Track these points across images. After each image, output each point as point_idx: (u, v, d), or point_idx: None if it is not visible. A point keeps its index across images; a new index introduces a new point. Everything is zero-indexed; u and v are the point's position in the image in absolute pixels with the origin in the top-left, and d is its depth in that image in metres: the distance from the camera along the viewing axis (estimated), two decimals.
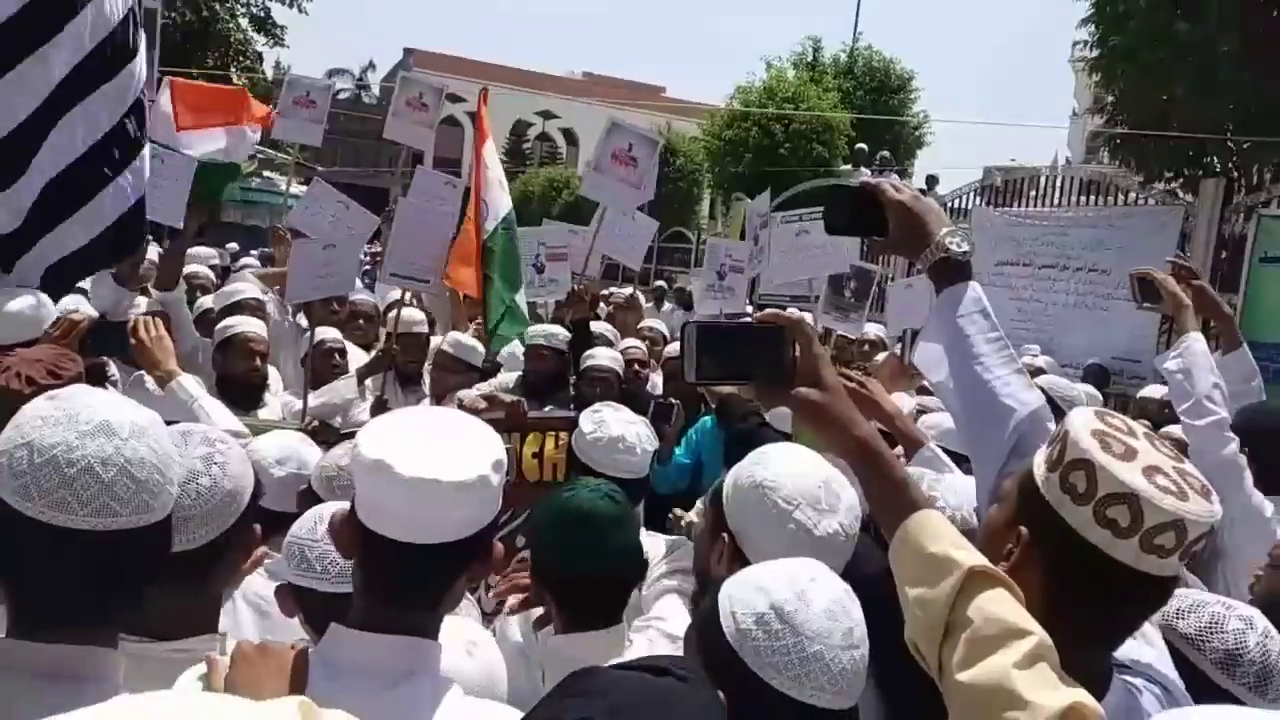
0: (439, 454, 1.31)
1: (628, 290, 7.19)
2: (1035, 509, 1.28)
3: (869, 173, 15.82)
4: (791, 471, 1.68)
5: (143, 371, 3.10)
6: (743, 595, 1.34)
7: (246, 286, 4.84)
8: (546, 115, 44.55)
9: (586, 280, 5.67)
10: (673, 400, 4.36)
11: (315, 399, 4.21)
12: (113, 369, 3.24)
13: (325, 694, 1.28)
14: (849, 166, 17.08)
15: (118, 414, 1.22)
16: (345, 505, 1.43)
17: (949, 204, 11.77)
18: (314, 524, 1.90)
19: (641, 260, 6.33)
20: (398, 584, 1.36)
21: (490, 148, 4.96)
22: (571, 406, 4.35)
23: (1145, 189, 10.63)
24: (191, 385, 2.69)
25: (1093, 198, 10.41)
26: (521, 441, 3.37)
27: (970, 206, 11.67)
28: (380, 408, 4.29)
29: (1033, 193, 11.01)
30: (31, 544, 1.15)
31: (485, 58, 43.65)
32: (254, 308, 4.60)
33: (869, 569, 1.63)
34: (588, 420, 2.90)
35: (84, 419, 1.19)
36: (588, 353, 4.65)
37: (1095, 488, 1.21)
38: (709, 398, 3.85)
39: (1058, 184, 10.92)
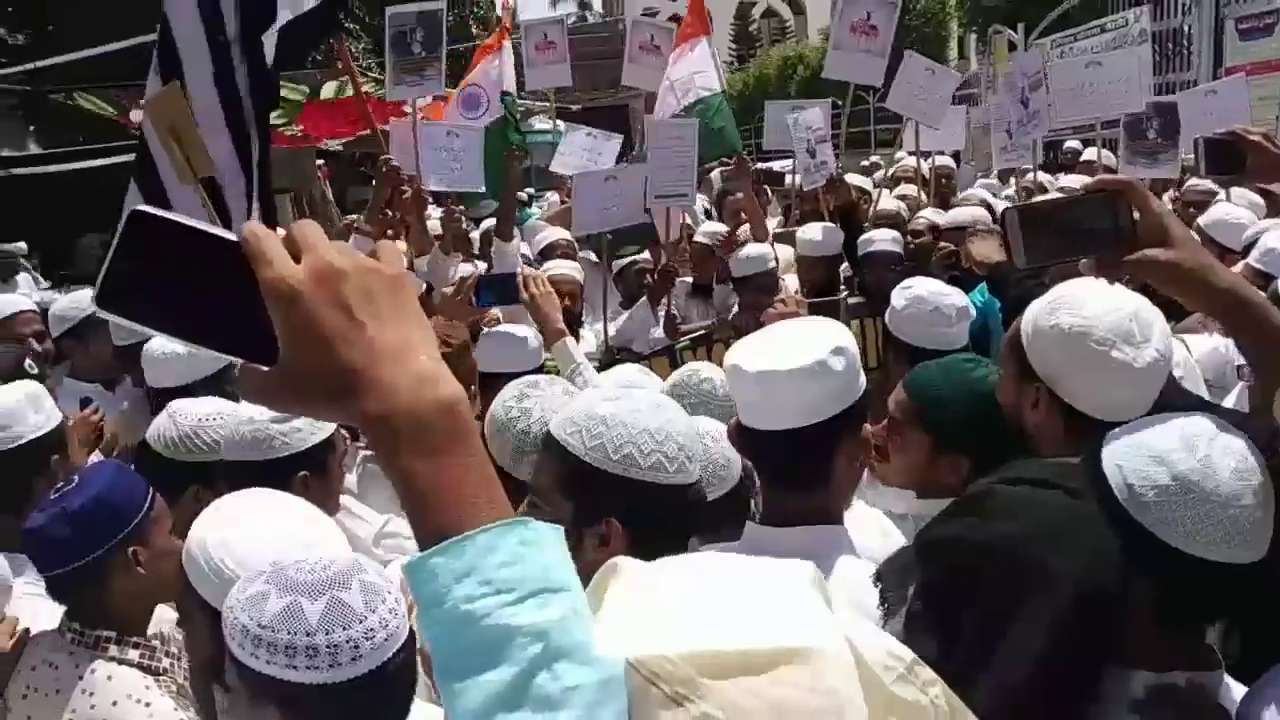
0: (780, 348, 1.52)
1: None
2: None
3: None
4: (1099, 310, 1.62)
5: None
6: (1138, 467, 1.29)
7: (556, 230, 5.09)
8: None
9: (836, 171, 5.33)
10: None
11: (613, 328, 4.47)
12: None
13: None
14: None
15: (659, 395, 1.61)
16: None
17: None
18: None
19: (942, 118, 5.42)
20: (779, 471, 1.59)
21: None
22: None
23: None
24: (574, 349, 2.80)
25: None
26: None
27: None
28: (670, 323, 4.46)
29: None
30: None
31: None
32: (564, 248, 4.89)
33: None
34: (900, 295, 2.84)
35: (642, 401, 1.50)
36: (864, 237, 4.41)
37: None
38: (978, 270, 3.60)
39: None
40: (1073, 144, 6.99)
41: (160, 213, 0.70)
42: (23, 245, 8.88)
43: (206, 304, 0.70)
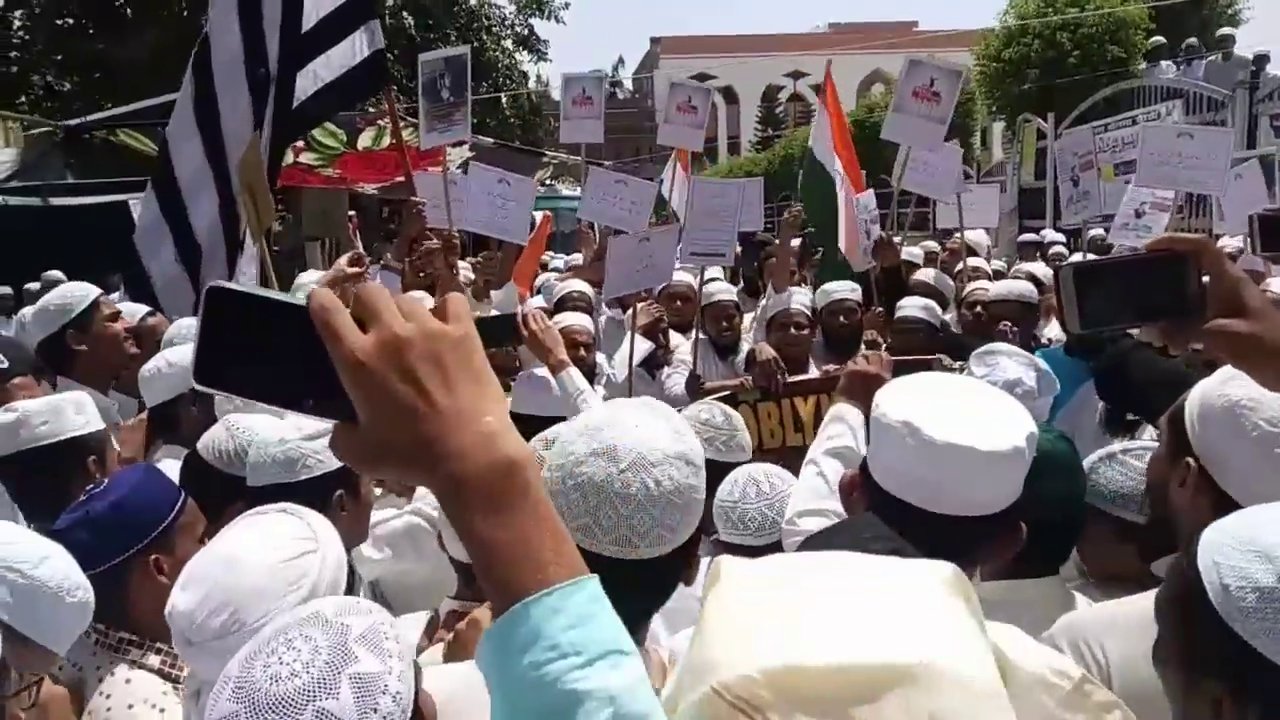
0: (971, 420, 1.27)
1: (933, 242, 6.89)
2: None
3: (1172, 67, 14.10)
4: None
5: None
6: (1236, 564, 1.07)
7: (573, 282, 5.08)
8: (796, 75, 43.73)
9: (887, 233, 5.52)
10: None
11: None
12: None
13: None
14: (1148, 65, 15.31)
15: (649, 443, 1.20)
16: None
17: None
18: (731, 487, 2.08)
19: (952, 191, 5.85)
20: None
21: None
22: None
23: None
24: (579, 378, 2.81)
25: None
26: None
27: None
28: (694, 382, 4.37)
29: None
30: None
31: (728, 30, 43.62)
32: (577, 300, 4.87)
33: None
34: (978, 363, 2.75)
35: (621, 454, 1.19)
36: (900, 303, 4.52)
37: None
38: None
39: None
40: None
41: (233, 286, 0.74)
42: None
43: (292, 368, 0.73)
